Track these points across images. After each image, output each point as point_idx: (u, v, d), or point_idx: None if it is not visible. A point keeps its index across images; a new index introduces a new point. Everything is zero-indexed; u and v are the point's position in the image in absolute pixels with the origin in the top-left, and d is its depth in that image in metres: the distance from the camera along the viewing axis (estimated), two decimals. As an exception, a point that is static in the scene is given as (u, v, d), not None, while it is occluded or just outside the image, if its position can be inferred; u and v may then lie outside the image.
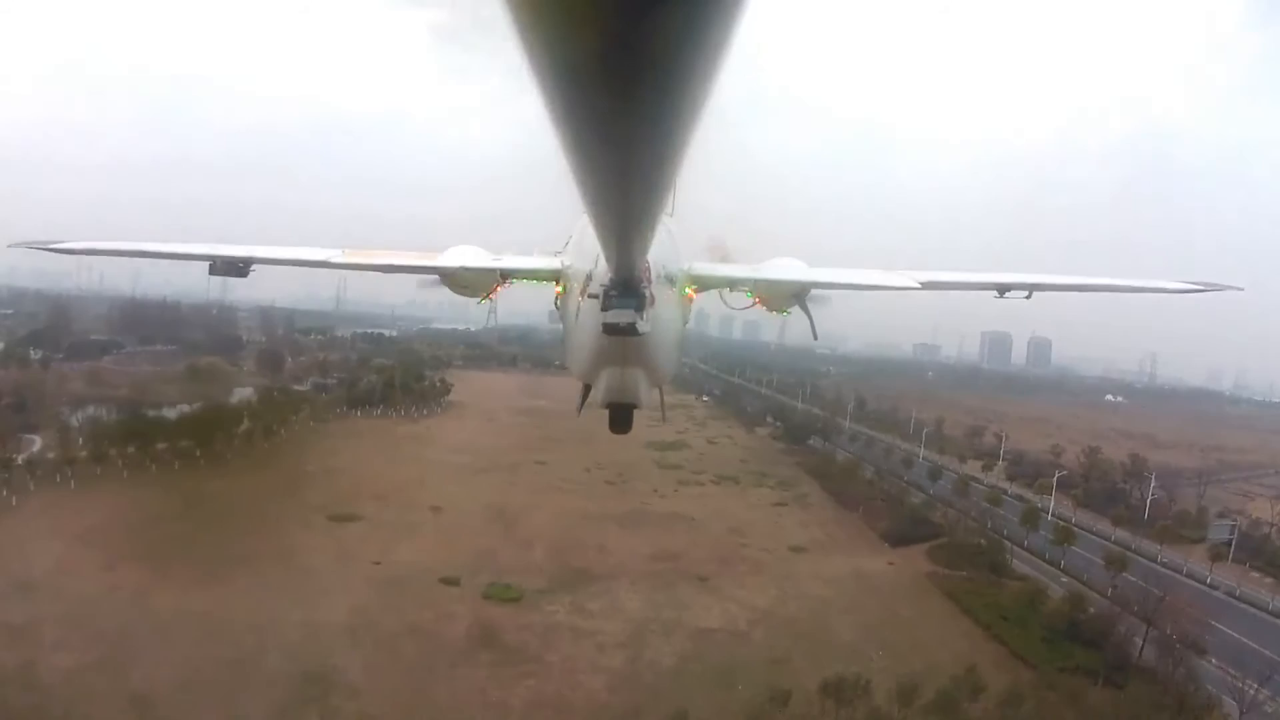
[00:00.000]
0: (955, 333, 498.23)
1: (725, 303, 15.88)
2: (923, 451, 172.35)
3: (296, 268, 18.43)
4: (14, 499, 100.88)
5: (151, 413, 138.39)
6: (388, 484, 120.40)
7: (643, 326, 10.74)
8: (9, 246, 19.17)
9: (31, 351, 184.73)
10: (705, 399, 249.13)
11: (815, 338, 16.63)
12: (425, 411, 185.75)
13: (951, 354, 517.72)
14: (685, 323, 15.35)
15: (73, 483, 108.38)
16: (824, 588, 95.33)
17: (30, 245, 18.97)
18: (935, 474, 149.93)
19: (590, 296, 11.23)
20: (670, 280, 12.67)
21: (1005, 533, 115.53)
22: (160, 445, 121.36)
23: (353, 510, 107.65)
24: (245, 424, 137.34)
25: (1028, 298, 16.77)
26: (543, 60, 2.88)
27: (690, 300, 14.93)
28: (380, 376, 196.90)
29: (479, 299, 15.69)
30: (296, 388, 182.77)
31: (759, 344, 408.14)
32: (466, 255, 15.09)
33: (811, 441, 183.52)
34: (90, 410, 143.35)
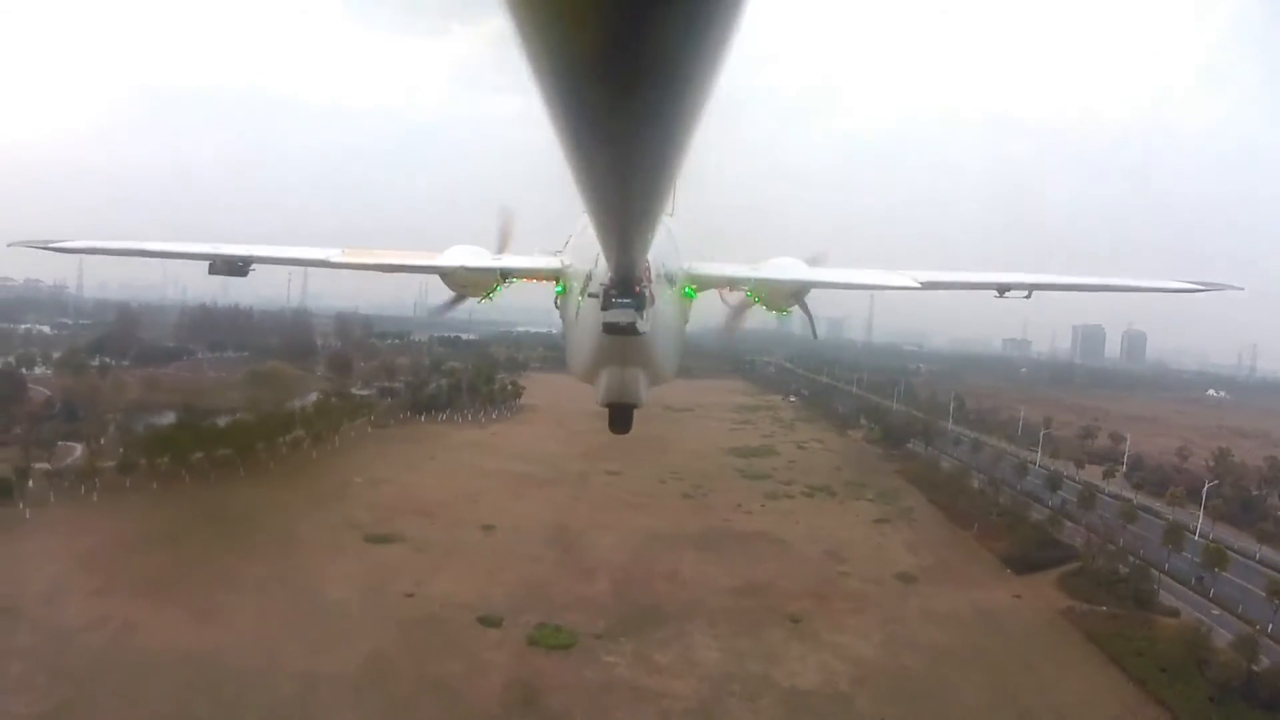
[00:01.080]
0: (1045, 327, 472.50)
1: (725, 302, 15.87)
2: (1039, 457, 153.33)
3: (372, 272, 17.47)
4: (28, 512, 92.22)
5: (200, 420, 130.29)
6: (438, 497, 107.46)
7: (642, 326, 10.84)
8: (9, 245, 19.55)
9: (94, 358, 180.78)
10: (792, 399, 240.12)
11: (815, 337, 18.60)
12: (494, 415, 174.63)
13: (1043, 349, 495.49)
14: (686, 322, 15.73)
15: (95, 495, 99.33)
16: (941, 630, 78.87)
17: (29, 244, 19.05)
18: (1054, 483, 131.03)
19: (590, 296, 11.46)
20: (670, 280, 12.91)
21: (1142, 554, 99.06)
22: (201, 454, 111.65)
23: (393, 529, 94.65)
24: (296, 431, 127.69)
25: (1027, 297, 16.95)
26: (543, 60, 2.89)
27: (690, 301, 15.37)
28: (448, 379, 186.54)
29: (480, 299, 15.96)
30: (358, 392, 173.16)
31: (844, 342, 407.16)
32: (466, 255, 15.28)
33: (911, 445, 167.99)
34: (139, 418, 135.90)
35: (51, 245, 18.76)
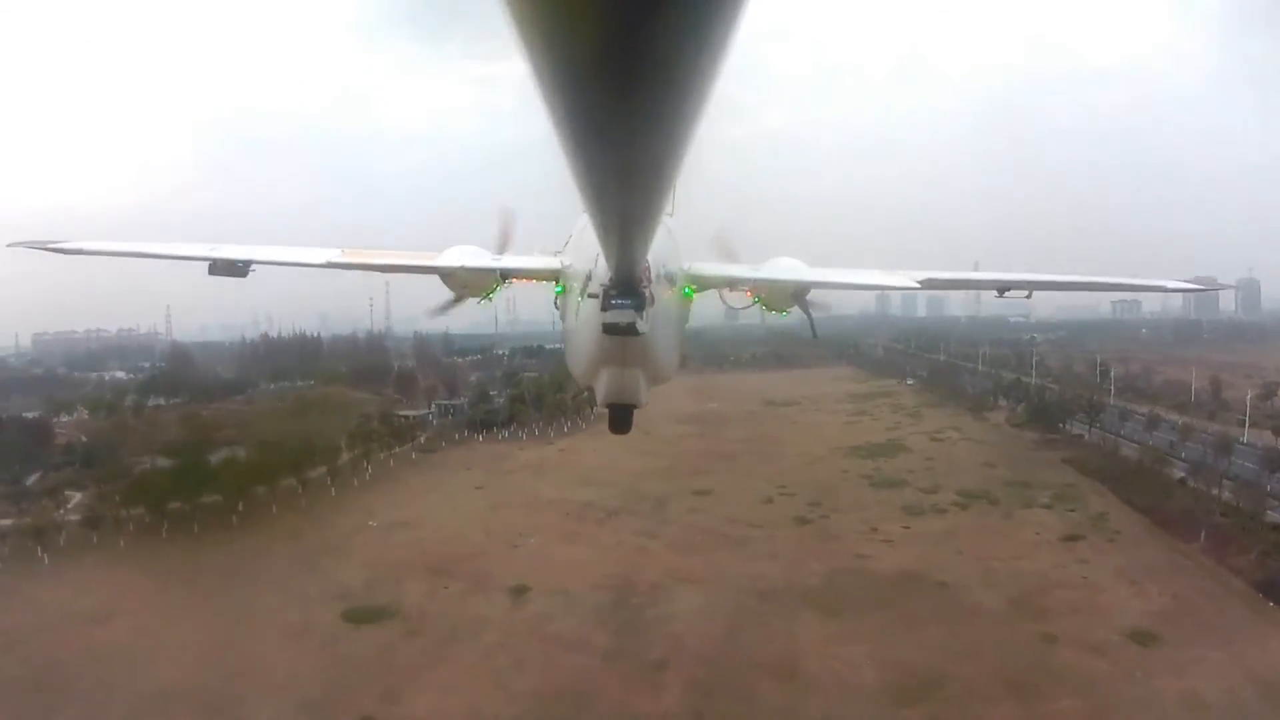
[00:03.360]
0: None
1: (725, 302, 15.83)
2: (1246, 432, 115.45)
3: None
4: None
5: (215, 458, 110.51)
6: (464, 546, 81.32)
7: (642, 326, 10.71)
8: (8, 246, 19.24)
9: (146, 399, 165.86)
10: (910, 382, 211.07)
11: (815, 337, 17.34)
12: (565, 428, 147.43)
13: (1154, 309, 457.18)
14: (686, 322, 15.53)
15: (48, 558, 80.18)
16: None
17: (29, 245, 18.90)
18: (1275, 464, 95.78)
19: (590, 296, 11.30)
20: (670, 280, 12.72)
21: None
22: (193, 501, 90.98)
23: (389, 599, 68.68)
24: (319, 467, 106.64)
25: (1028, 297, 16.89)
26: (543, 60, 2.89)
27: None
28: (513, 390, 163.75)
29: (479, 299, 15.56)
30: (405, 413, 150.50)
31: (947, 319, 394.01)
32: (466, 255, 14.98)
33: (1066, 426, 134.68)
34: (152, 462, 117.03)
35: (50, 246, 18.25)
